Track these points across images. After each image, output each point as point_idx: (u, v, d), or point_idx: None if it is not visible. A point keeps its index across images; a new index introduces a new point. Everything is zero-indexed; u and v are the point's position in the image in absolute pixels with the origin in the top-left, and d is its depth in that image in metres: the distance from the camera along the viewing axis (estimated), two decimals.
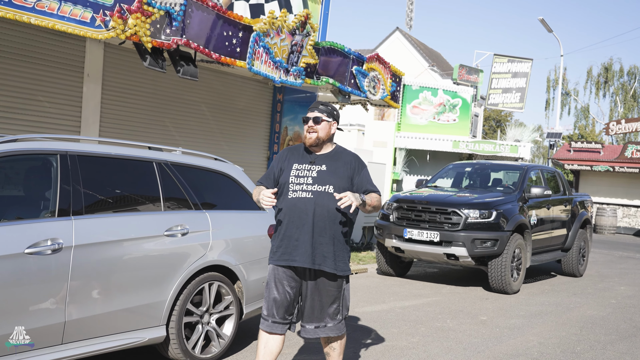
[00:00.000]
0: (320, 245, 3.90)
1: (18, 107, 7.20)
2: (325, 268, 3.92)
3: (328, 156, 4.05)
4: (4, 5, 5.44)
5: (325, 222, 3.90)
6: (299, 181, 3.95)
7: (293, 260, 3.91)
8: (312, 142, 3.98)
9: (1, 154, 3.90)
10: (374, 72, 10.51)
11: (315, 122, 3.98)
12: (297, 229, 3.90)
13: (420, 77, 28.72)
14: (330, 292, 3.99)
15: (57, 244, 3.91)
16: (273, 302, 3.97)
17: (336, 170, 3.97)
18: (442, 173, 11.62)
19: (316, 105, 4.06)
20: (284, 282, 3.97)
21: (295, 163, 4.03)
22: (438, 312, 7.54)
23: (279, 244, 3.98)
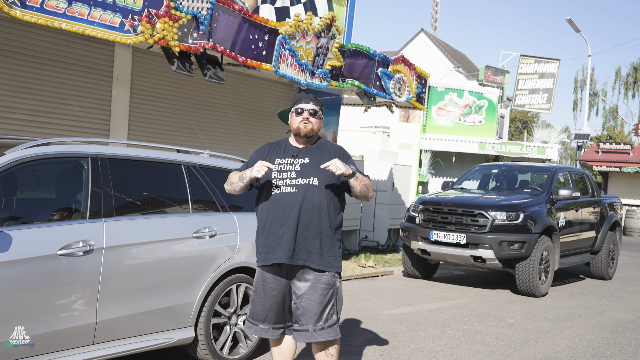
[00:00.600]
0: (305, 241, 3.72)
1: (49, 111, 7.33)
2: (311, 264, 3.73)
3: (311, 149, 3.91)
4: (36, 11, 5.55)
5: (311, 216, 3.73)
6: (282, 176, 3.79)
7: (275, 258, 3.73)
8: (308, 132, 3.85)
9: (34, 157, 3.98)
10: (400, 74, 10.48)
11: (312, 115, 3.87)
12: (282, 225, 3.72)
13: (445, 78, 28.57)
14: (323, 290, 3.77)
15: (88, 246, 3.98)
16: (261, 307, 3.83)
17: (320, 162, 3.79)
18: (468, 175, 11.55)
19: (310, 97, 3.94)
20: (270, 285, 3.81)
21: (278, 158, 3.87)
22: (465, 315, 7.49)
23: (263, 242, 3.80)
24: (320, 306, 3.76)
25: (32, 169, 4.24)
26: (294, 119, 3.89)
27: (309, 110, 3.87)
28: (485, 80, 23.36)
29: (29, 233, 3.80)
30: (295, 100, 3.95)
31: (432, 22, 32.93)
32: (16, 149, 3.94)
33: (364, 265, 10.60)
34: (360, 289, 8.81)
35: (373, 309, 7.49)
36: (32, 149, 4.01)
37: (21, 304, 3.67)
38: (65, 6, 5.73)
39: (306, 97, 3.93)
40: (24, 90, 7.09)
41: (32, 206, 4.48)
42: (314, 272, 3.75)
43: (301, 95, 3.97)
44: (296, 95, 4.01)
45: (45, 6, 5.59)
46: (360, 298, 8.15)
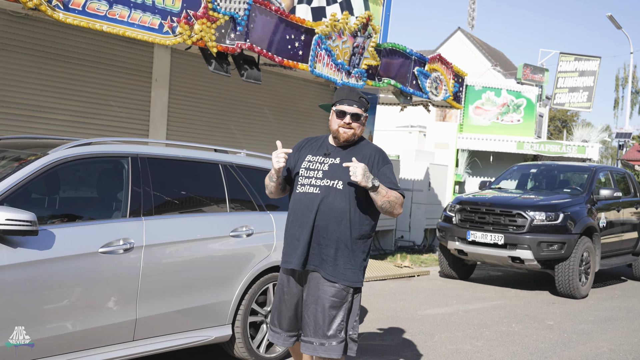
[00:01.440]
0: (319, 247, 3.42)
1: (91, 111, 7.48)
2: (321, 271, 3.42)
3: (347, 150, 3.54)
4: (78, 13, 5.67)
5: (328, 222, 3.41)
6: (309, 174, 3.50)
7: (289, 262, 3.48)
8: (348, 138, 3.49)
9: (76, 157, 4.06)
10: (436, 73, 10.41)
11: (355, 119, 3.48)
12: (300, 227, 3.46)
13: (482, 77, 28.27)
14: (331, 303, 3.41)
15: (128, 244, 4.05)
16: (278, 312, 3.58)
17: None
18: (506, 174, 11.42)
19: (354, 97, 3.50)
20: (286, 289, 3.56)
21: (310, 154, 3.59)
22: (503, 316, 7.41)
23: (284, 243, 3.59)
24: (325, 319, 3.41)
25: (74, 169, 4.33)
26: (334, 121, 3.52)
27: (352, 114, 3.48)
28: (524, 78, 23.02)
29: (71, 231, 3.88)
30: (338, 97, 3.53)
31: (469, 21, 32.58)
32: (59, 148, 4.03)
33: (400, 265, 10.56)
34: (397, 289, 8.78)
35: (409, 309, 7.45)
36: (74, 148, 4.09)
37: (65, 300, 3.76)
38: (106, 8, 5.84)
39: (351, 95, 3.51)
40: (66, 91, 7.25)
41: (74, 205, 4.58)
42: (324, 281, 3.43)
43: (345, 93, 3.53)
44: (340, 89, 3.57)
45: (87, 9, 5.71)
46: (397, 298, 8.12)
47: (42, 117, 7.05)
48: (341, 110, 3.48)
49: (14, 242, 3.54)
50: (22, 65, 6.87)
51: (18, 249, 3.54)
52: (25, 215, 3.44)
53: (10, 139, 4.94)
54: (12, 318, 3.53)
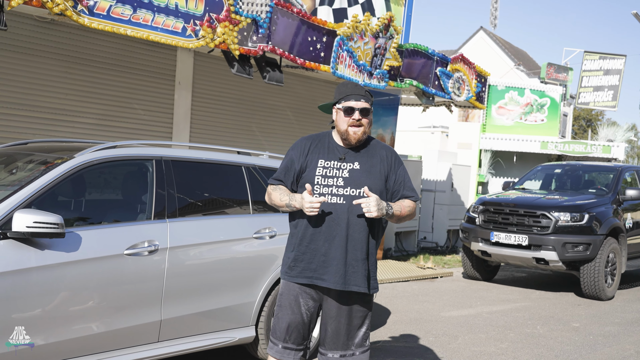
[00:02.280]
0: (356, 262, 3.20)
1: (115, 114, 7.56)
2: (359, 288, 3.22)
3: (361, 152, 3.30)
4: (103, 18, 5.74)
5: (361, 234, 3.20)
6: (327, 182, 3.21)
7: (320, 280, 3.21)
8: (359, 138, 3.24)
9: (102, 160, 4.11)
10: (459, 73, 10.36)
11: (364, 115, 3.23)
12: (327, 241, 3.19)
13: (505, 76, 28.05)
14: (360, 313, 3.29)
15: (153, 246, 4.09)
16: (286, 325, 3.28)
17: (371, 168, 3.26)
18: (530, 175, 11.33)
19: (360, 92, 3.26)
20: (300, 301, 3.28)
21: (321, 159, 3.26)
22: (527, 318, 7.34)
23: (299, 257, 3.25)
24: (353, 329, 3.28)
25: (100, 171, 4.39)
26: (342, 120, 3.25)
27: (361, 110, 3.23)
28: (548, 78, 22.79)
29: (97, 233, 3.93)
30: (342, 93, 3.28)
31: (491, 20, 32.35)
32: (85, 151, 4.08)
33: (423, 267, 10.52)
34: (420, 290, 8.75)
35: (433, 311, 7.42)
36: (100, 152, 4.14)
37: (91, 302, 3.81)
38: (131, 13, 5.91)
39: (356, 89, 3.28)
40: (91, 95, 7.34)
41: (99, 207, 4.64)
42: (355, 295, 3.26)
43: (350, 88, 3.29)
44: (343, 85, 3.33)
45: (111, 13, 5.78)
46: (420, 299, 8.10)
47: (68, 121, 7.15)
48: (349, 107, 3.22)
49: (42, 245, 3.59)
50: (48, 69, 6.97)
51: (45, 251, 3.60)
52: (53, 218, 3.49)
53: (37, 142, 5.02)
54: (40, 318, 3.59)
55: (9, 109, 6.69)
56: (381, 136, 11.08)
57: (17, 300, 3.49)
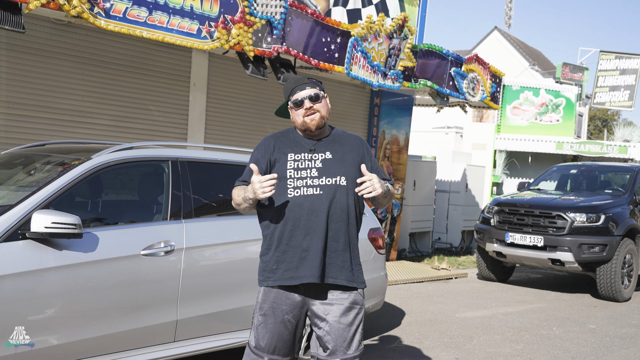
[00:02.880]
0: (335, 254, 3.06)
1: (131, 116, 7.62)
2: (341, 281, 3.06)
3: (329, 141, 3.20)
4: (119, 20, 5.79)
5: (340, 224, 3.07)
6: (301, 174, 3.08)
7: (300, 277, 3.02)
8: (318, 124, 3.11)
9: (119, 161, 4.15)
10: (473, 74, 10.33)
11: (315, 100, 3.12)
12: (307, 235, 3.03)
13: (520, 77, 27.90)
14: (353, 311, 3.11)
15: (169, 246, 4.12)
16: (270, 336, 3.08)
17: (344, 157, 3.15)
18: (545, 175, 11.27)
19: (302, 81, 3.18)
20: (283, 309, 3.07)
21: (291, 152, 3.14)
22: (543, 319, 7.30)
23: (280, 257, 3.06)
24: (351, 330, 3.09)
25: (116, 172, 4.43)
26: (296, 114, 3.15)
27: (309, 97, 3.13)
28: (563, 78, 22.65)
29: (114, 234, 3.97)
30: (287, 90, 3.20)
31: (505, 20, 32.19)
32: (102, 153, 4.12)
33: (438, 268, 10.49)
34: (434, 291, 8.73)
35: (447, 312, 7.40)
36: (116, 153, 4.18)
37: (108, 301, 3.84)
38: (146, 15, 5.95)
39: (298, 81, 3.19)
40: (107, 96, 7.40)
41: (116, 208, 4.68)
42: (341, 290, 3.10)
43: (292, 82, 3.20)
44: (286, 81, 3.23)
45: (127, 15, 5.83)
46: (434, 300, 8.08)
47: (84, 122, 7.21)
48: (297, 100, 3.13)
49: (60, 245, 3.63)
50: (65, 71, 7.04)
51: (63, 252, 3.64)
52: (70, 219, 3.53)
53: (54, 144, 5.07)
54: (58, 318, 3.63)
55: (27, 111, 6.76)
56: (395, 137, 11.08)
57: (36, 300, 3.54)
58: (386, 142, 10.94)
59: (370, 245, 5.52)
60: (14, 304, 3.45)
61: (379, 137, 10.85)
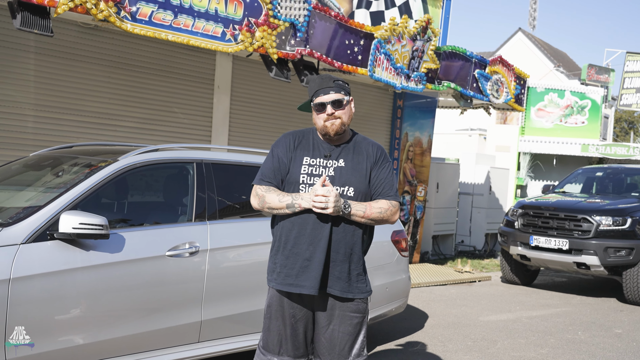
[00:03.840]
0: (334, 264, 3.03)
1: (156, 118, 7.70)
2: (335, 291, 3.04)
3: (347, 148, 3.14)
4: (145, 24, 5.85)
5: (342, 235, 3.03)
6: (313, 181, 3.04)
7: (300, 287, 3.01)
8: (337, 130, 3.07)
9: (145, 163, 4.20)
10: (497, 75, 10.26)
11: (337, 107, 3.07)
12: (311, 244, 3.00)
13: (545, 78, 27.64)
14: (352, 319, 3.09)
15: (194, 247, 4.16)
16: (278, 336, 3.11)
17: (357, 166, 3.09)
18: (570, 178, 11.16)
19: (327, 84, 3.09)
20: (289, 312, 3.10)
21: (306, 156, 3.10)
22: (568, 324, 7.23)
23: (283, 262, 3.07)
24: (349, 339, 3.09)
25: (142, 174, 4.49)
26: (317, 117, 3.11)
27: (332, 102, 3.07)
28: (588, 79, 22.41)
29: (140, 235, 4.02)
30: (311, 90, 3.15)
31: (530, 21, 31.97)
32: (128, 155, 4.17)
33: (461, 271, 10.44)
34: (457, 294, 8.68)
35: (471, 315, 7.36)
36: (142, 155, 4.23)
37: (134, 302, 3.89)
38: (172, 18, 6.01)
39: (323, 83, 3.11)
40: (133, 99, 7.49)
41: (142, 209, 4.74)
42: (340, 300, 3.08)
43: (317, 83, 3.13)
44: (311, 81, 3.18)
45: (153, 19, 5.89)
46: (458, 303, 8.03)
47: (111, 125, 7.30)
48: (319, 103, 3.08)
49: (87, 246, 3.69)
50: (92, 74, 7.13)
51: (90, 252, 3.69)
52: (98, 220, 3.58)
53: (81, 145, 5.15)
54: (85, 318, 3.68)
55: (55, 113, 6.86)
56: (418, 139, 11.04)
57: (64, 300, 3.59)
58: (409, 144, 10.91)
59: (393, 248, 5.52)
60: (42, 304, 3.51)
61: (402, 140, 10.83)
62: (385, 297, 5.39)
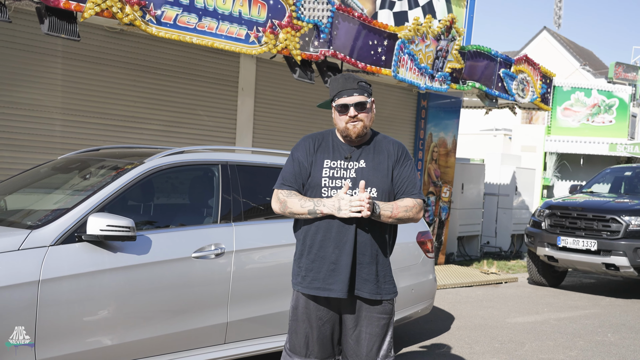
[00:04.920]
0: (361, 266, 3.02)
1: (181, 121, 7.75)
2: (364, 294, 3.03)
3: (367, 148, 3.11)
4: (170, 27, 5.90)
5: (367, 237, 3.02)
6: (335, 184, 3.02)
7: (328, 290, 3.00)
8: (359, 133, 3.04)
9: (171, 165, 4.22)
10: (523, 74, 10.16)
11: (360, 109, 3.03)
12: (337, 248, 2.99)
13: (571, 77, 27.31)
14: (380, 321, 3.09)
15: (220, 249, 4.17)
16: (305, 339, 3.10)
17: (378, 166, 3.07)
18: (598, 178, 11.00)
19: (351, 85, 3.05)
20: (315, 314, 3.09)
21: (327, 159, 3.07)
22: (597, 325, 7.12)
23: (309, 266, 3.05)
24: (377, 340, 3.08)
25: (168, 176, 4.51)
26: (338, 118, 3.07)
27: (355, 105, 3.03)
28: (616, 77, 22.07)
29: (166, 237, 4.04)
30: (334, 90, 3.10)
31: (555, 20, 31.63)
32: (154, 157, 4.20)
33: (487, 272, 10.34)
34: (484, 296, 8.60)
35: (498, 317, 7.28)
36: (168, 157, 4.26)
37: (161, 303, 3.91)
38: (196, 21, 6.05)
39: (347, 83, 3.06)
40: (158, 102, 7.54)
41: (167, 211, 4.76)
42: (368, 302, 3.08)
43: (340, 84, 3.08)
44: (334, 80, 3.14)
45: (177, 22, 5.93)
46: (484, 305, 7.96)
47: (137, 127, 7.37)
48: (342, 104, 3.04)
49: (114, 247, 3.71)
50: (118, 78, 7.20)
51: (118, 254, 3.72)
52: (125, 222, 3.60)
53: (108, 148, 5.19)
54: (113, 319, 3.71)
55: (82, 117, 6.94)
56: (443, 139, 10.97)
57: (92, 301, 3.62)
58: (433, 145, 10.85)
59: (419, 249, 5.48)
60: (70, 305, 3.54)
61: (426, 140, 10.77)
62: (411, 299, 5.36)
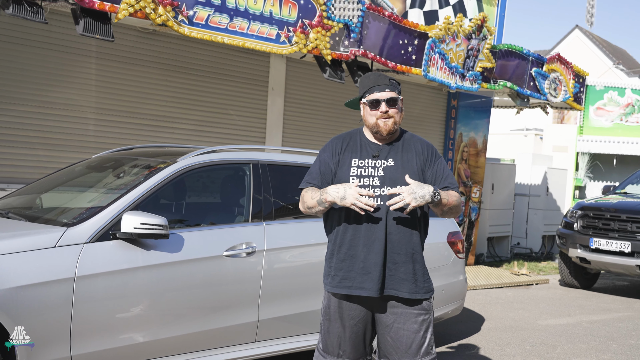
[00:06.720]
0: (396, 266, 3.00)
1: (212, 120, 7.81)
2: (403, 293, 3.01)
3: (395, 147, 3.10)
4: (202, 27, 5.95)
5: (401, 235, 3.01)
6: (364, 182, 3.01)
7: (360, 289, 2.99)
8: (390, 129, 3.05)
9: (203, 164, 4.27)
10: (555, 74, 10.03)
11: (392, 105, 3.04)
12: (365, 246, 2.99)
13: (603, 76, 26.87)
14: (417, 317, 3.05)
15: (251, 248, 4.20)
16: (337, 338, 3.10)
17: (407, 164, 3.05)
18: (632, 179, 10.81)
19: (383, 81, 3.07)
20: (347, 314, 3.08)
21: (355, 158, 3.08)
22: (631, 329, 7.00)
23: (338, 265, 3.05)
24: (416, 337, 3.04)
25: (199, 175, 4.56)
26: (369, 114, 3.08)
27: (387, 100, 3.03)
28: None
29: (198, 235, 4.08)
30: (365, 86, 3.11)
31: (587, 18, 31.19)
32: (187, 156, 4.25)
33: (517, 273, 10.23)
34: (514, 298, 8.51)
35: (529, 319, 7.20)
36: (200, 156, 4.30)
37: (193, 301, 3.95)
38: (227, 21, 6.09)
39: (379, 80, 3.08)
40: (189, 102, 7.62)
41: (199, 210, 4.81)
42: (405, 300, 3.05)
43: (372, 80, 3.10)
44: (364, 78, 3.17)
45: (209, 22, 5.98)
46: (515, 307, 7.88)
47: (168, 127, 7.44)
48: (374, 100, 3.04)
49: (148, 245, 3.76)
50: (150, 78, 7.29)
51: (151, 252, 3.77)
52: (158, 220, 3.65)
53: (141, 147, 5.26)
54: (147, 316, 3.76)
55: (115, 116, 7.04)
56: (473, 139, 10.88)
57: (126, 298, 3.68)
58: (463, 144, 10.77)
59: (449, 249, 5.45)
60: (105, 302, 3.60)
61: (456, 140, 10.70)
62: (441, 300, 5.33)
